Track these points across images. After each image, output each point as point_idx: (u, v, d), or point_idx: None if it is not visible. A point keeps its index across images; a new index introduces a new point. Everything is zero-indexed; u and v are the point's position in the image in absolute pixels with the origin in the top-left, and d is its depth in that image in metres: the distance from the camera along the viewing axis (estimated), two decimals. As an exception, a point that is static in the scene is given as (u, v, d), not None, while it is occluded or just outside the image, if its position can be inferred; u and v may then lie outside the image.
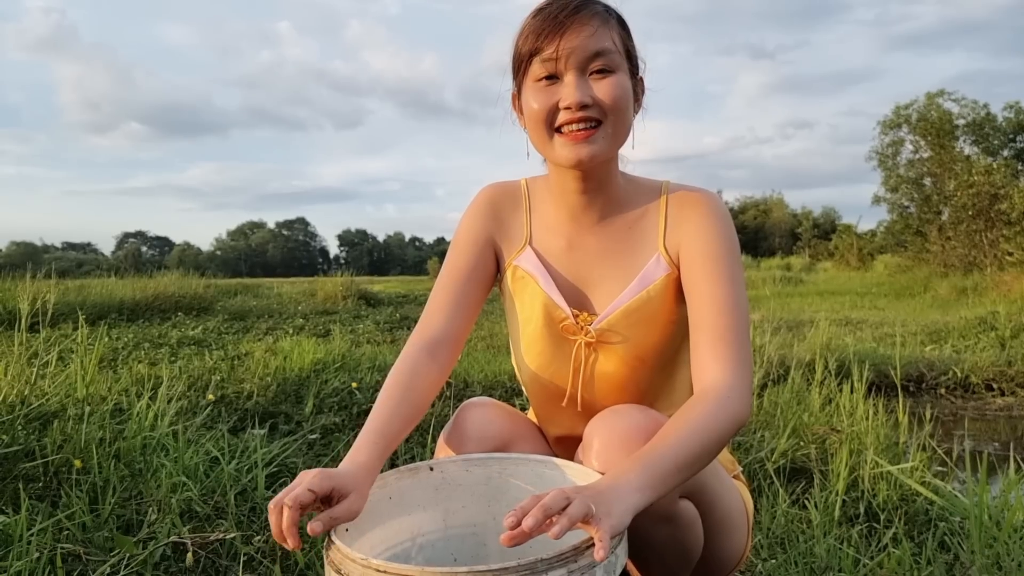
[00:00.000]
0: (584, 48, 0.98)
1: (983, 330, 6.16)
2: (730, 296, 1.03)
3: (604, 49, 0.99)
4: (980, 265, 14.53)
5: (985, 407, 4.17)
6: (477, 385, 3.65)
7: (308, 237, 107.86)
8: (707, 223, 1.08)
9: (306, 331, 6.51)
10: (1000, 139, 17.44)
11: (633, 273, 1.10)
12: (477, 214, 1.19)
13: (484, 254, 1.17)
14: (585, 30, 0.97)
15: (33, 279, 7.35)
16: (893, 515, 1.94)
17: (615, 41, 1.00)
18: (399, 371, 1.06)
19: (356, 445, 0.96)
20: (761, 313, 7.29)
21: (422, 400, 1.05)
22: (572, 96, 0.98)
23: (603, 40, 0.99)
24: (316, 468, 0.88)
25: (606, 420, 1.00)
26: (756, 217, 47.43)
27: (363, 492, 0.90)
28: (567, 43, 0.97)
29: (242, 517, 1.76)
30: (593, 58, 0.98)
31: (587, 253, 1.13)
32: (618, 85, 1.00)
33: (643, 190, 1.14)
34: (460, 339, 1.13)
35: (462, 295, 1.14)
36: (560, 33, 0.97)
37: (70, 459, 1.80)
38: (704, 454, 0.90)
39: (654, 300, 1.09)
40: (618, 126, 1.02)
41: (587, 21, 0.98)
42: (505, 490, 1.04)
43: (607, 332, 1.10)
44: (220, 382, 3.26)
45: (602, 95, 0.99)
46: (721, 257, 1.06)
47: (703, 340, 1.02)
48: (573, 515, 0.72)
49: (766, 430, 2.67)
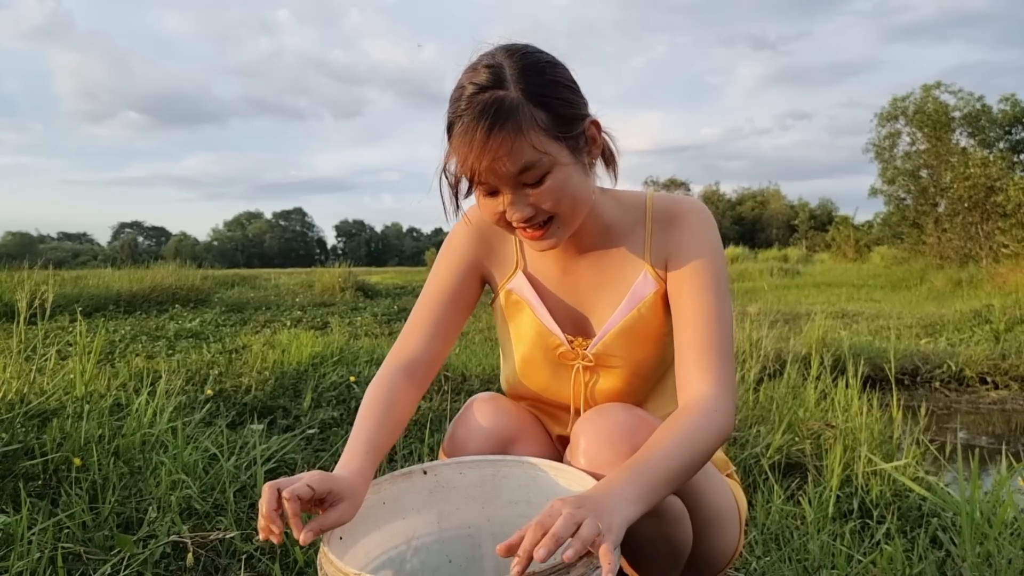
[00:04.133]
0: (508, 171, 0.94)
1: (978, 323, 6.19)
2: (714, 309, 1.04)
3: (528, 163, 0.94)
4: (976, 257, 14.56)
5: (979, 400, 4.20)
6: (475, 378, 3.66)
7: (305, 228, 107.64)
8: (691, 235, 1.09)
9: (304, 323, 6.52)
10: (996, 131, 17.49)
11: (624, 291, 1.12)
12: (463, 237, 1.19)
13: (468, 278, 1.18)
14: (502, 150, 0.92)
15: (30, 269, 7.35)
16: (886, 511, 1.96)
17: (536, 143, 0.93)
18: (379, 389, 1.08)
19: (347, 454, 0.98)
20: (758, 306, 7.30)
21: (402, 418, 1.08)
22: (514, 215, 0.98)
23: (523, 155, 0.93)
24: (316, 470, 0.90)
25: (592, 420, 1.03)
26: (753, 208, 47.45)
27: (357, 500, 0.92)
28: (492, 170, 0.94)
29: (241, 514, 1.77)
30: (520, 174, 0.95)
31: (580, 277, 1.15)
32: (555, 187, 0.96)
33: (628, 207, 1.14)
34: (437, 361, 1.16)
35: (442, 319, 1.16)
36: (481, 162, 0.93)
37: (69, 457, 1.80)
38: (692, 465, 0.92)
39: (646, 317, 1.10)
40: (570, 214, 1.00)
41: (502, 141, 0.91)
42: (499, 492, 1.06)
43: (603, 355, 1.12)
44: (218, 376, 3.26)
45: (542, 202, 0.97)
46: (706, 270, 1.06)
47: (688, 353, 1.03)
48: (586, 539, 0.74)
49: (761, 425, 2.69)
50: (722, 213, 44.24)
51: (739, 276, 16.42)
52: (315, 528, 0.84)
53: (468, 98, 0.94)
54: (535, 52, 0.99)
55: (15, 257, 9.72)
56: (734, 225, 43.21)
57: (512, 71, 0.94)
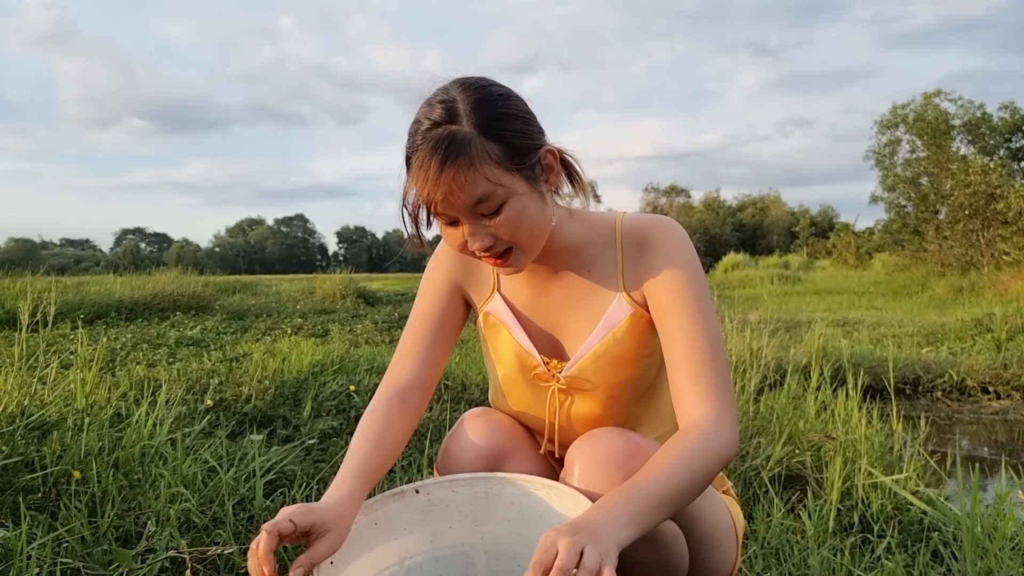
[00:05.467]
0: (464, 203, 0.96)
1: (979, 332, 6.18)
2: (701, 328, 1.03)
3: (483, 195, 0.95)
4: (977, 264, 14.57)
5: (981, 410, 4.19)
6: (475, 387, 3.66)
7: (307, 234, 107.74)
8: (667, 258, 1.07)
9: (304, 331, 6.52)
10: (996, 139, 17.49)
11: (597, 317, 1.11)
12: (444, 260, 1.20)
13: (452, 300, 1.20)
14: (455, 184, 0.93)
15: (32, 275, 7.37)
16: (887, 525, 1.95)
17: (490, 176, 0.95)
18: (373, 417, 1.09)
19: (337, 480, 0.99)
20: (759, 313, 7.29)
21: (397, 444, 1.09)
22: (474, 244, 1.00)
23: (477, 187, 0.95)
24: (298, 504, 0.90)
25: (585, 445, 1.02)
26: (754, 215, 47.39)
27: (343, 529, 0.92)
28: (448, 202, 0.95)
29: (240, 527, 1.77)
30: (476, 205, 0.96)
31: (552, 299, 1.15)
32: (512, 216, 0.98)
33: (597, 230, 1.13)
34: (430, 385, 1.17)
35: (432, 342, 1.18)
36: (437, 194, 0.95)
37: (69, 470, 1.80)
38: (690, 490, 0.91)
39: (621, 342, 1.10)
40: (528, 242, 1.01)
41: (455, 175, 0.93)
42: (492, 510, 1.06)
43: (577, 379, 1.12)
44: (218, 385, 3.26)
45: (500, 232, 0.98)
46: (687, 290, 1.05)
47: (681, 377, 1.02)
48: (591, 568, 0.74)
49: (762, 436, 2.68)
50: (723, 220, 44.16)
51: (740, 283, 16.44)
52: (305, 563, 0.85)
53: (423, 133, 0.96)
54: (488, 85, 1.01)
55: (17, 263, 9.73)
56: (735, 231, 43.10)
57: (465, 105, 0.96)
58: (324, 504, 0.92)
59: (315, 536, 0.89)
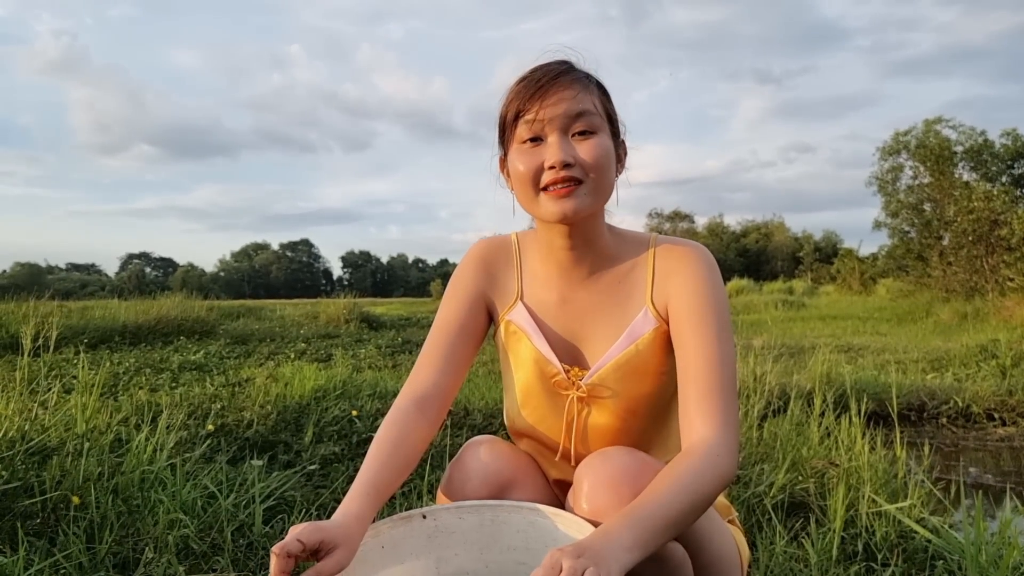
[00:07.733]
0: (566, 110, 1.02)
1: (984, 358, 6.14)
2: (717, 352, 1.05)
3: (585, 111, 1.03)
4: (981, 290, 14.53)
5: (986, 437, 4.15)
6: (477, 413, 3.64)
7: (312, 258, 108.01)
8: (694, 278, 1.10)
9: (308, 355, 6.52)
10: (998, 165, 17.56)
11: (622, 327, 1.13)
12: (469, 270, 1.21)
13: (475, 310, 1.20)
14: (566, 93, 1.02)
15: (38, 300, 7.41)
16: (891, 553, 1.93)
17: (595, 105, 1.05)
18: (390, 426, 1.09)
19: (348, 496, 0.98)
20: (763, 339, 7.27)
21: (413, 454, 1.08)
22: (555, 156, 1.02)
23: (584, 103, 1.03)
24: (307, 522, 0.90)
25: (595, 463, 1.02)
26: (758, 241, 47.47)
27: (352, 546, 0.92)
28: (549, 106, 1.02)
29: (239, 554, 1.76)
30: (575, 119, 1.03)
31: (578, 307, 1.16)
32: (599, 145, 1.04)
33: (631, 244, 1.16)
34: (450, 395, 1.16)
35: (452, 351, 1.17)
36: (542, 97, 1.02)
37: (68, 495, 1.80)
38: (692, 512, 0.92)
39: (643, 353, 1.11)
40: (600, 184, 1.05)
41: (568, 85, 1.03)
42: (498, 537, 1.05)
43: (598, 387, 1.12)
44: (220, 410, 3.26)
45: (584, 155, 1.03)
46: (708, 312, 1.07)
47: (691, 396, 1.03)
48: None
49: (765, 463, 2.66)
50: (726, 245, 44.22)
51: (744, 308, 16.39)
52: None
53: (538, 65, 1.07)
54: None
55: (23, 287, 9.78)
56: (739, 257, 43.12)
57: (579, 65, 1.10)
58: (333, 521, 0.92)
59: (324, 553, 0.89)
